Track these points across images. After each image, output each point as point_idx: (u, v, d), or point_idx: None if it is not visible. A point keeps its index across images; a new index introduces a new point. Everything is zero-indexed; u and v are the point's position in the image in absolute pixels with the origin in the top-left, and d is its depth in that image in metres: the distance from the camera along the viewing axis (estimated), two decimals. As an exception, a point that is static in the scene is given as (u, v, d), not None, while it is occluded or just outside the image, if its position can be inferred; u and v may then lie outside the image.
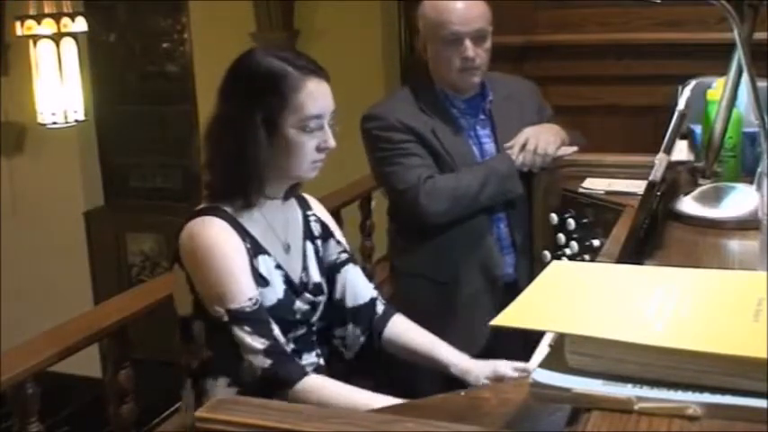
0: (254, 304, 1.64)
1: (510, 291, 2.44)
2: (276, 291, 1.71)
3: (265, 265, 1.71)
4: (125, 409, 2.47)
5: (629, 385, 0.91)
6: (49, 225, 5.47)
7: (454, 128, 2.43)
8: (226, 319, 1.62)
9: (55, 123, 3.74)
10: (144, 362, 2.85)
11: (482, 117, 2.47)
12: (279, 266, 1.74)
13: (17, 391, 2.13)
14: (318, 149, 1.71)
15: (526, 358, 1.77)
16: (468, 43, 2.35)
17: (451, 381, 1.80)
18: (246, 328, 1.62)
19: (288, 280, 1.75)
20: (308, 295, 1.79)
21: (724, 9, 1.59)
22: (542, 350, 1.56)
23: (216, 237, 1.65)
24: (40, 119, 3.75)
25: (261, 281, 1.68)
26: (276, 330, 1.66)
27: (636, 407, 0.89)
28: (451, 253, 2.41)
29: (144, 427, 2.81)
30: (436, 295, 2.40)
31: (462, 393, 1.46)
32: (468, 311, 2.37)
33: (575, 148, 2.45)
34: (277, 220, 1.78)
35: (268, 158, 1.68)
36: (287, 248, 1.79)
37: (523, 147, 2.38)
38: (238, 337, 1.61)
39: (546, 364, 0.96)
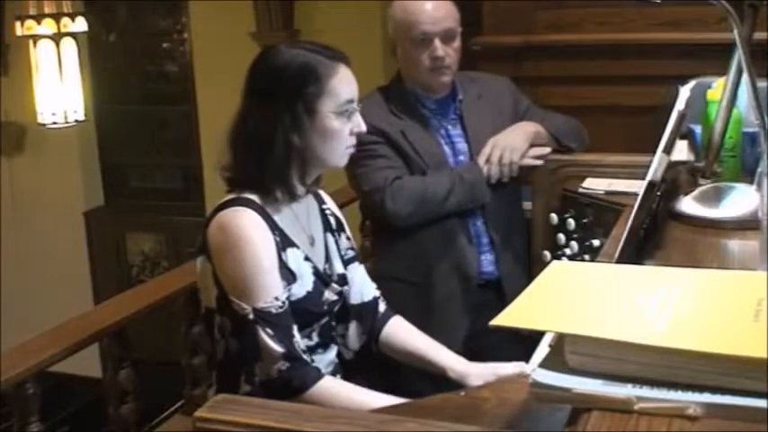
0: (281, 306, 1.64)
1: (493, 289, 2.45)
2: (305, 283, 1.73)
3: (294, 258, 1.72)
4: (125, 409, 2.48)
5: (629, 385, 0.91)
6: (49, 225, 5.47)
7: (425, 128, 2.43)
8: (251, 317, 1.63)
9: (55, 123, 3.74)
10: (144, 362, 2.85)
11: (453, 117, 2.48)
12: (307, 258, 1.75)
13: (17, 390, 2.14)
14: (351, 134, 1.76)
15: (508, 358, 1.79)
16: (437, 43, 2.35)
17: (451, 381, 1.80)
18: (269, 331, 1.63)
19: (317, 272, 1.76)
20: (335, 285, 1.81)
21: (724, 9, 1.59)
22: (542, 350, 1.56)
23: (247, 230, 1.65)
24: (40, 119, 3.75)
25: (289, 276, 1.70)
26: (297, 335, 1.67)
27: (636, 407, 0.89)
28: (424, 254, 2.41)
29: (144, 427, 2.82)
30: (411, 296, 2.37)
31: (462, 393, 1.46)
32: (442, 312, 2.36)
33: (546, 151, 2.46)
34: (301, 213, 1.80)
35: (313, 146, 1.71)
36: (312, 241, 1.81)
37: (488, 158, 2.39)
38: (260, 338, 1.62)
39: (546, 364, 0.96)
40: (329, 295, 1.79)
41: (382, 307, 1.94)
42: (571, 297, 1.08)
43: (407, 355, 1.90)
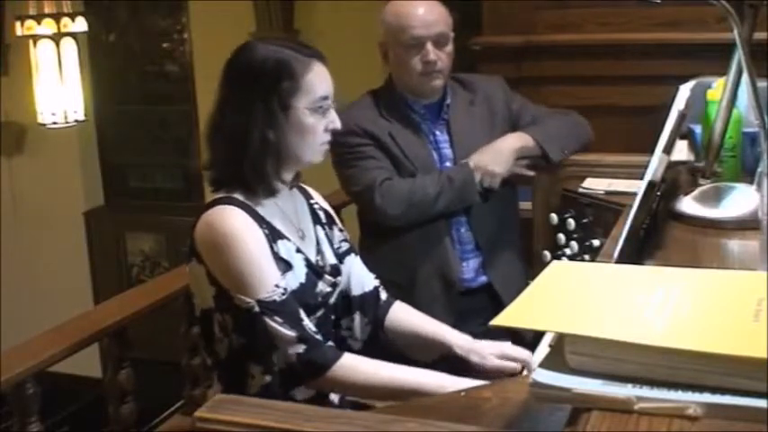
0: (283, 293, 1.66)
1: (482, 295, 2.43)
2: (298, 275, 1.74)
3: (285, 249, 1.73)
4: (125, 409, 2.47)
5: (629, 385, 0.91)
6: (49, 225, 5.46)
7: (414, 132, 2.43)
8: (257, 309, 1.64)
9: (55, 123, 3.74)
10: (144, 362, 2.85)
11: (441, 122, 2.47)
12: (298, 250, 1.76)
13: (17, 390, 2.14)
14: (326, 130, 1.77)
15: None
16: (429, 47, 2.35)
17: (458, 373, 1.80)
18: (278, 319, 1.64)
19: (309, 263, 1.78)
20: (328, 277, 1.82)
21: (724, 9, 1.59)
22: (542, 350, 1.56)
23: (234, 225, 1.66)
24: (40, 119, 3.75)
25: (283, 265, 1.71)
26: (305, 318, 1.68)
27: (636, 407, 0.89)
28: (409, 256, 2.41)
29: (144, 427, 2.82)
30: (395, 298, 2.38)
31: (462, 393, 1.46)
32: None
33: (528, 172, 2.45)
34: (288, 207, 1.82)
35: (287, 142, 1.72)
36: (302, 235, 1.82)
37: None
38: (271, 328, 1.63)
39: (546, 364, 0.96)
40: (323, 287, 1.80)
41: (383, 295, 1.97)
42: (571, 297, 1.08)
43: (413, 336, 1.92)
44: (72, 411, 4.81)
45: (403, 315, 1.96)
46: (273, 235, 1.72)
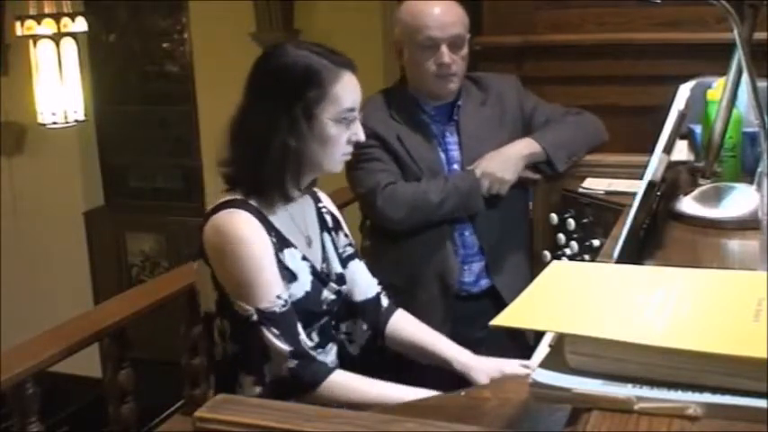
0: (284, 305, 1.64)
1: (486, 299, 2.41)
2: (303, 284, 1.72)
3: (292, 257, 1.72)
4: (125, 409, 2.48)
5: (629, 385, 0.91)
6: (49, 225, 5.47)
7: (423, 134, 2.40)
8: (255, 318, 1.62)
9: (55, 123, 3.74)
10: (144, 362, 2.85)
11: (452, 123, 2.45)
12: (305, 258, 1.75)
13: (17, 391, 2.14)
14: (349, 142, 1.74)
15: None
16: (444, 49, 2.31)
17: (457, 379, 1.80)
18: (274, 331, 1.62)
19: (314, 271, 1.76)
20: (333, 285, 1.81)
21: (724, 9, 1.59)
22: (542, 350, 1.56)
23: (243, 230, 1.64)
24: (40, 119, 3.75)
25: (288, 275, 1.69)
26: (302, 333, 1.67)
27: (636, 407, 0.89)
28: (410, 259, 2.39)
29: (144, 427, 2.82)
30: (396, 300, 2.37)
31: (462, 393, 1.46)
32: (425, 319, 2.34)
33: (534, 176, 2.45)
34: (297, 213, 1.80)
35: (309, 151, 1.69)
36: (309, 242, 1.80)
37: None
38: (266, 339, 1.62)
39: (546, 364, 0.96)
40: (328, 294, 1.79)
41: (385, 301, 1.95)
42: (571, 297, 1.08)
43: (413, 347, 1.91)
44: (72, 411, 4.82)
45: (404, 325, 1.93)
46: (281, 243, 1.70)
